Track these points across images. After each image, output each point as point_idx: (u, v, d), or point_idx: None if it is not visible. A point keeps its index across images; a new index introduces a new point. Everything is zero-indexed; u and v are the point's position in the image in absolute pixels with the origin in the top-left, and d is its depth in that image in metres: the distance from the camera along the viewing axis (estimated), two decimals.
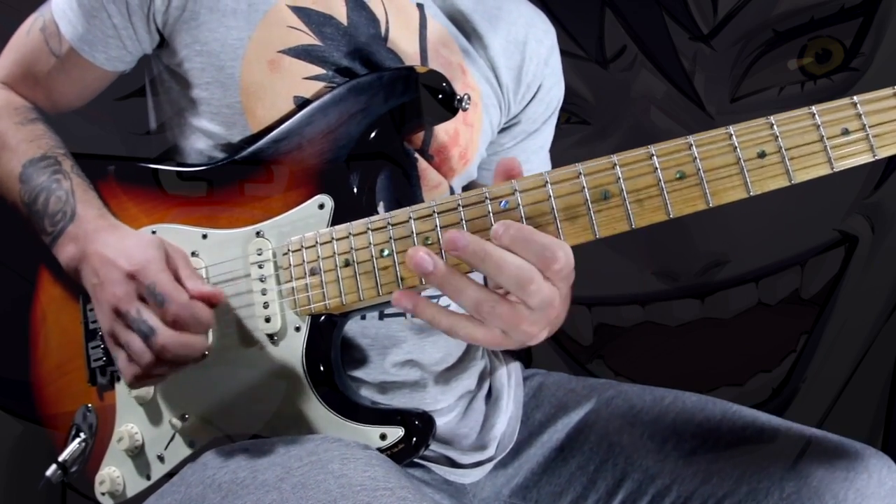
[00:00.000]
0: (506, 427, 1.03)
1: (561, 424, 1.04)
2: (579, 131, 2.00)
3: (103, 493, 0.93)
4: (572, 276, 0.74)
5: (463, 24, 1.03)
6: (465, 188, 1.09)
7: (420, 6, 0.99)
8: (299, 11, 0.93)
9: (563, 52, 1.14)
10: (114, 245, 0.86)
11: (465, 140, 1.01)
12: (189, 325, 0.81)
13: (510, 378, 1.08)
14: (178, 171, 0.95)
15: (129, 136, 1.57)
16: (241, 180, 0.91)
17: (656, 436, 0.99)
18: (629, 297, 2.07)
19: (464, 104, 0.88)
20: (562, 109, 1.17)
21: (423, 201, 0.94)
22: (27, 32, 1.01)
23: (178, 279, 0.83)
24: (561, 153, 1.20)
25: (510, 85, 1.06)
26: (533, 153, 1.14)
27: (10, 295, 1.05)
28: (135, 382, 0.84)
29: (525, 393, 1.09)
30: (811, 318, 2.05)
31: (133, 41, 0.96)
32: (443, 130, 0.97)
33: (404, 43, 0.97)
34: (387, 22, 0.96)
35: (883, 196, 1.97)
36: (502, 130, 1.10)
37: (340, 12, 0.95)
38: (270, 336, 0.87)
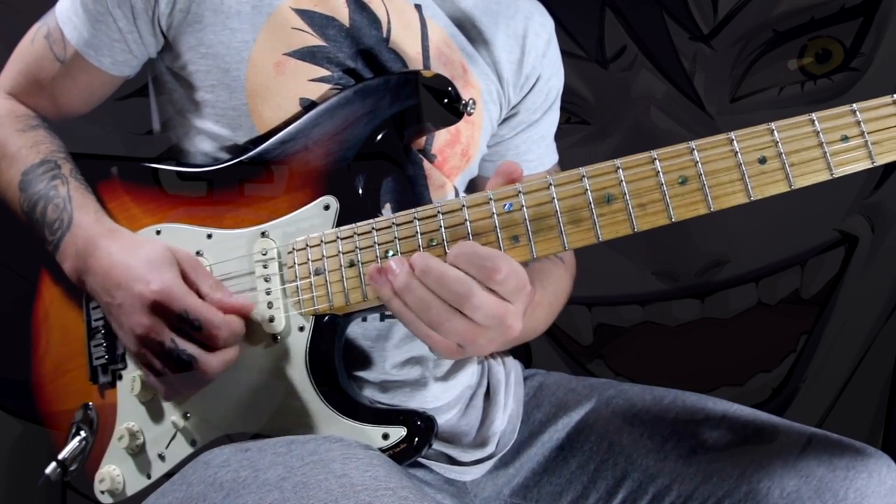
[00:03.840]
0: (506, 424, 1.04)
1: (561, 424, 1.04)
2: (579, 131, 2.00)
3: (103, 492, 0.93)
4: (527, 293, 0.74)
5: (463, 22, 1.04)
6: (468, 186, 1.09)
7: (418, 7, 1.00)
8: (302, 13, 0.93)
9: (563, 52, 1.15)
10: (119, 261, 0.86)
11: (467, 138, 1.01)
12: (228, 342, 0.83)
13: (508, 376, 1.08)
14: (183, 172, 0.95)
15: (129, 136, 1.57)
16: (246, 181, 0.91)
17: (656, 435, 0.99)
18: (629, 297, 2.07)
19: (469, 109, 0.88)
20: (562, 109, 1.17)
21: (430, 202, 0.95)
22: (31, 41, 1.01)
23: (201, 295, 0.84)
24: (561, 153, 1.20)
25: (510, 79, 1.06)
26: (534, 143, 1.14)
27: (11, 295, 1.05)
28: (171, 397, 0.88)
29: (525, 393, 1.10)
30: (811, 318, 2.05)
31: (138, 45, 0.97)
32: (444, 130, 0.98)
33: (406, 44, 0.97)
34: (388, 23, 0.97)
35: (883, 196, 1.97)
36: (502, 122, 1.10)
37: (342, 14, 0.95)
38: (274, 336, 0.87)
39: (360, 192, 0.87)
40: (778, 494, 0.89)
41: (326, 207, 0.86)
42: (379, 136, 0.89)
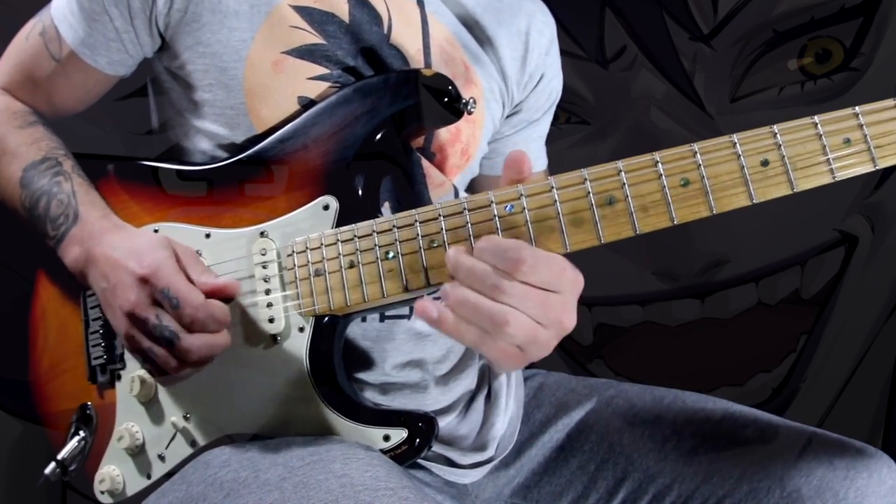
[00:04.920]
0: (506, 427, 1.03)
1: (561, 424, 1.04)
2: (579, 131, 2.00)
3: (103, 492, 0.93)
4: (571, 281, 0.73)
5: (466, 20, 1.04)
6: (468, 186, 1.09)
7: (420, 3, 0.99)
8: (301, 11, 0.93)
9: (563, 52, 1.15)
10: (121, 247, 0.85)
11: (467, 136, 1.01)
12: (207, 326, 0.81)
13: (509, 378, 1.08)
14: (180, 171, 0.95)
15: (129, 136, 1.58)
16: (245, 180, 0.91)
17: (657, 435, 0.99)
18: (629, 297, 2.07)
19: (469, 107, 0.88)
20: (562, 109, 1.17)
21: (430, 201, 0.95)
22: (26, 38, 1.01)
23: (190, 278, 0.83)
24: (561, 153, 1.20)
25: (514, 76, 1.06)
26: (532, 142, 1.15)
27: (10, 294, 1.05)
28: (164, 382, 0.86)
29: (525, 393, 1.09)
30: (811, 318, 2.05)
31: (134, 45, 0.96)
32: (444, 129, 0.98)
33: (407, 40, 0.97)
34: (389, 19, 0.96)
35: (883, 196, 1.97)
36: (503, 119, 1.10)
37: (343, 10, 0.95)
38: (274, 336, 0.87)
39: (360, 191, 0.87)
40: (779, 494, 0.89)
41: (326, 207, 0.86)
42: (378, 136, 0.88)
